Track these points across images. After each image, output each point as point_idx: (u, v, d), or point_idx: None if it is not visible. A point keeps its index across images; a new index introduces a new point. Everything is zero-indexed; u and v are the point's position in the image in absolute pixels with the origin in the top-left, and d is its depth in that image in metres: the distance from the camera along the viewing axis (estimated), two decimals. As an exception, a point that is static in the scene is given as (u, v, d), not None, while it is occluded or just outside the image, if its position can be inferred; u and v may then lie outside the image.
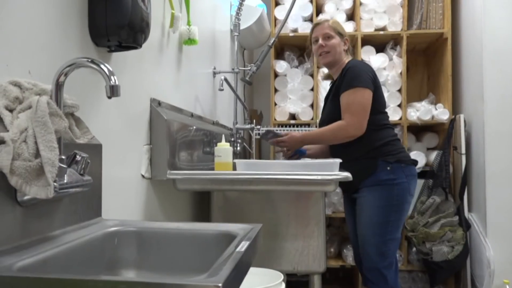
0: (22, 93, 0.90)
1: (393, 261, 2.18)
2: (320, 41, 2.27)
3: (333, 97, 2.24)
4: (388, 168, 2.13)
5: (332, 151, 2.29)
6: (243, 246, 0.89)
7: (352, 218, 2.31)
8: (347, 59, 2.31)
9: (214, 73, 2.61)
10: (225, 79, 2.39)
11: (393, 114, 3.30)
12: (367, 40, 3.42)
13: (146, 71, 1.61)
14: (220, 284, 0.64)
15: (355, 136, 2.12)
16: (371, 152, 2.16)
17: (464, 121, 3.16)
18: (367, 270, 2.19)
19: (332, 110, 2.23)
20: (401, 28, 3.35)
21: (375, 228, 2.14)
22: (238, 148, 2.70)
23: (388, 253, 2.15)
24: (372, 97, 2.16)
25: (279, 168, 1.91)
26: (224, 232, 1.08)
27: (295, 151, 2.35)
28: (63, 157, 0.93)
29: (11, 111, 0.88)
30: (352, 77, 2.15)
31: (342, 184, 2.19)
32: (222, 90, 2.38)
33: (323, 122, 2.29)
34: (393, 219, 2.13)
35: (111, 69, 0.91)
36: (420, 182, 3.10)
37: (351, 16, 3.54)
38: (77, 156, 0.99)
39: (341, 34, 2.29)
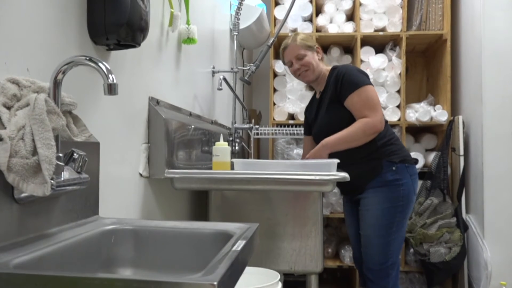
0: (20, 90, 0.91)
1: (396, 261, 2.16)
2: (295, 65, 2.25)
3: (329, 106, 2.19)
4: (394, 168, 2.12)
5: (334, 152, 2.18)
6: (239, 245, 0.89)
7: (354, 219, 2.29)
8: (325, 67, 2.30)
9: (213, 73, 2.61)
10: (224, 79, 2.39)
11: (392, 115, 3.30)
12: (367, 41, 3.42)
13: (145, 70, 1.61)
14: (215, 283, 0.64)
15: (380, 131, 2.11)
16: (375, 153, 2.13)
17: (463, 122, 3.16)
18: (369, 271, 2.17)
19: (331, 119, 2.18)
20: (401, 29, 3.36)
21: (380, 230, 2.12)
22: (237, 148, 2.70)
23: (392, 253, 2.13)
24: None
25: (277, 168, 1.91)
26: (221, 231, 1.08)
27: None
28: (61, 154, 0.93)
29: (9, 108, 0.89)
30: (352, 78, 2.13)
31: (345, 186, 2.16)
32: (221, 89, 2.38)
33: (325, 131, 2.18)
34: (397, 219, 2.12)
35: (109, 67, 0.91)
36: (418, 183, 3.10)
37: (351, 16, 3.54)
38: (75, 154, 0.99)
39: (310, 46, 2.26)
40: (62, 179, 0.92)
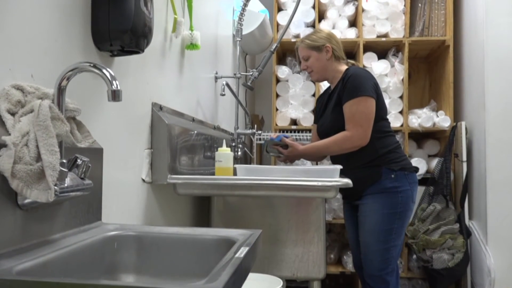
0: (25, 97, 0.91)
1: (395, 268, 2.20)
2: (302, 64, 2.33)
3: (335, 107, 2.21)
4: (392, 176, 2.15)
5: (335, 157, 2.29)
6: (242, 251, 0.89)
7: (353, 225, 2.32)
8: (339, 65, 2.30)
9: (216, 78, 2.61)
10: (227, 84, 2.39)
11: (395, 120, 3.30)
12: (369, 47, 3.42)
13: (148, 76, 1.61)
14: (218, 290, 0.64)
15: (360, 146, 2.13)
16: (375, 160, 2.16)
17: (466, 128, 3.16)
18: (369, 277, 2.20)
19: (336, 120, 2.20)
20: (403, 35, 3.36)
21: (378, 235, 2.14)
22: (239, 153, 2.70)
23: (390, 260, 2.16)
24: (375, 105, 2.16)
25: (279, 174, 1.91)
26: (224, 237, 1.08)
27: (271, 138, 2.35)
28: (64, 161, 0.94)
29: (13, 114, 0.89)
30: (354, 86, 2.13)
31: (344, 191, 2.20)
32: (224, 95, 2.38)
33: (326, 131, 2.25)
34: (396, 226, 2.15)
35: (113, 73, 0.91)
36: (421, 189, 3.09)
37: (353, 22, 3.54)
38: (78, 160, 0.99)
39: (317, 47, 2.26)
40: (66, 185, 0.92)
